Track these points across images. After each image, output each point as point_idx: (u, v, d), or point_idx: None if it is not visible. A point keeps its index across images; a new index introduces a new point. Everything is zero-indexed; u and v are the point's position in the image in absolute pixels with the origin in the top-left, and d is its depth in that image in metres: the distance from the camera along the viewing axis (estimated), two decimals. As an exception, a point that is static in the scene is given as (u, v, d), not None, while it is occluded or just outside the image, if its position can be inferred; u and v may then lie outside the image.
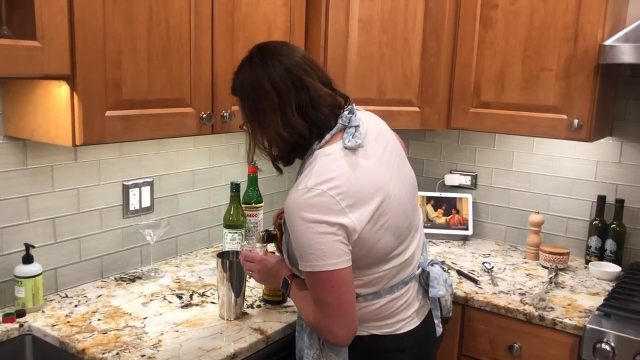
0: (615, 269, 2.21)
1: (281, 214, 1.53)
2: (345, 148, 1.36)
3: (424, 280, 1.54)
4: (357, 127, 1.39)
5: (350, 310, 1.33)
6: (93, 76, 1.45)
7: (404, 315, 1.47)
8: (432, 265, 1.56)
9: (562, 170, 2.46)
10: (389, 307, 1.45)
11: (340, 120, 1.40)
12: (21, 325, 1.64)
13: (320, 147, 1.38)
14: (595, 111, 2.02)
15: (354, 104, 1.46)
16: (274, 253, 1.66)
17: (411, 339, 1.48)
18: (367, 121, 1.46)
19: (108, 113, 1.50)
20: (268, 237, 1.58)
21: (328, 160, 1.34)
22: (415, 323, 1.50)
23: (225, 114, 1.81)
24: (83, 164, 1.89)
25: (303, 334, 1.49)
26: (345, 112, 1.42)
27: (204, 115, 1.74)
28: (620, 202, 2.28)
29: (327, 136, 1.38)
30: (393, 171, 1.43)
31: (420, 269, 1.53)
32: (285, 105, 1.35)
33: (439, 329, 1.58)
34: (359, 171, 1.35)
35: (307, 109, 1.36)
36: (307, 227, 1.28)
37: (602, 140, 2.33)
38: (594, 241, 2.32)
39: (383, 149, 1.44)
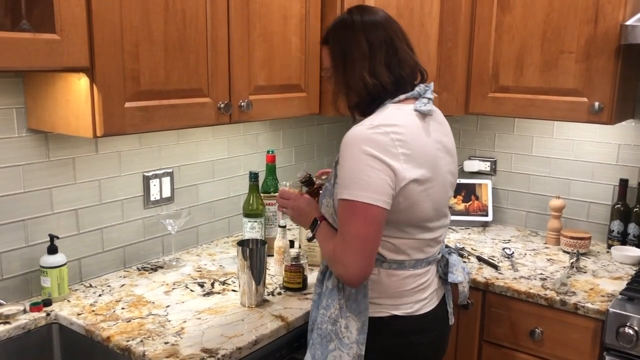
0: (638, 252, 2.18)
1: (324, 174, 1.72)
2: (416, 110, 1.44)
3: (442, 267, 1.59)
4: (429, 99, 1.48)
5: (371, 251, 1.37)
6: (111, 68, 1.47)
7: (422, 295, 1.51)
8: (449, 254, 1.61)
9: (583, 154, 2.43)
10: (410, 282, 1.49)
11: (417, 88, 1.48)
12: (48, 314, 1.67)
13: (390, 105, 1.46)
14: (616, 93, 1.99)
15: (432, 83, 1.54)
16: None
17: (429, 320, 1.53)
18: (436, 108, 1.55)
19: (127, 104, 1.52)
20: (309, 180, 1.70)
21: (398, 112, 1.43)
22: (432, 304, 1.54)
23: (242, 104, 1.82)
24: (104, 155, 1.91)
25: (319, 302, 1.54)
26: (422, 85, 1.51)
27: (222, 105, 1.75)
28: (643, 186, 2.25)
29: (402, 97, 1.46)
30: (445, 158, 1.50)
31: (440, 254, 1.58)
32: (374, 57, 1.44)
33: (452, 318, 1.63)
34: (421, 134, 1.43)
35: (393, 66, 1.45)
36: (360, 158, 1.33)
37: (623, 122, 2.29)
38: (616, 225, 2.29)
39: (442, 135, 1.51)
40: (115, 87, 1.48)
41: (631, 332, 1.72)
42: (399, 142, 1.36)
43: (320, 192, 1.61)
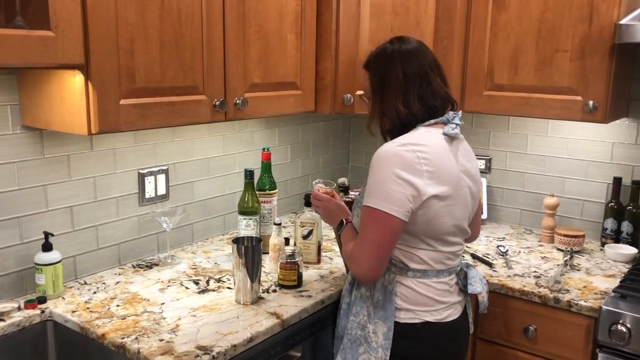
0: (631, 250, 2.20)
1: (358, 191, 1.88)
2: (444, 134, 1.56)
3: (462, 280, 1.68)
4: (457, 124, 1.59)
5: (383, 255, 1.50)
6: (107, 65, 1.46)
7: (451, 300, 1.62)
8: (467, 267, 1.71)
9: (577, 152, 2.44)
10: (438, 288, 1.58)
11: (446, 115, 1.59)
12: (42, 312, 1.67)
13: (423, 127, 1.58)
14: (610, 92, 2.00)
15: (460, 111, 1.66)
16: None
17: (456, 329, 1.64)
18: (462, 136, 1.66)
19: (122, 101, 1.51)
20: (346, 188, 1.97)
21: (427, 134, 1.55)
22: (458, 313, 1.64)
23: (237, 101, 1.82)
24: (99, 152, 1.91)
25: (348, 310, 1.65)
26: (452, 112, 1.62)
27: (217, 103, 1.75)
28: (636, 184, 2.26)
29: (432, 121, 1.58)
30: (467, 180, 1.59)
31: (459, 267, 1.68)
32: (409, 90, 1.56)
33: (472, 327, 1.76)
34: (447, 156, 1.54)
35: (426, 97, 1.57)
36: (387, 172, 1.47)
37: (617, 121, 2.31)
38: (610, 223, 2.30)
39: (467, 161, 1.62)
40: (110, 84, 1.48)
41: (624, 329, 1.73)
42: (424, 160, 1.48)
43: (352, 202, 1.80)
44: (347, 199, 1.90)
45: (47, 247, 1.73)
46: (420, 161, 1.47)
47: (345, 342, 1.63)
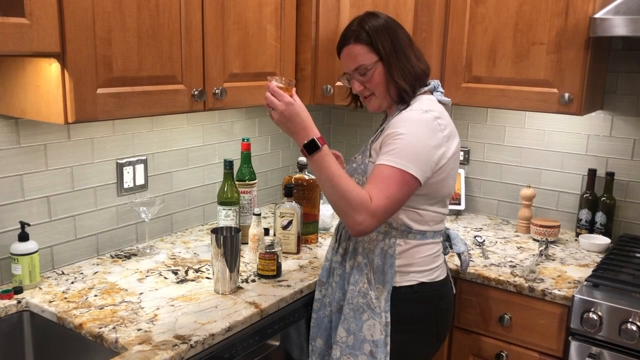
0: (604, 241, 2.24)
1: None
2: (439, 101, 1.67)
3: (444, 241, 1.77)
4: (442, 92, 1.71)
5: (392, 212, 1.53)
6: (83, 54, 1.45)
7: (439, 262, 1.70)
8: (447, 229, 1.81)
9: (553, 144, 2.48)
10: (431, 249, 1.67)
11: (432, 82, 1.70)
12: (19, 302, 1.66)
13: (419, 95, 1.66)
14: (586, 85, 2.03)
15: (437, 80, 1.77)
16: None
17: (446, 287, 1.73)
18: None
19: (99, 90, 1.50)
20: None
21: (430, 101, 1.64)
22: (445, 272, 1.74)
23: (217, 91, 1.81)
24: (76, 142, 1.90)
25: (342, 282, 1.70)
26: (434, 80, 1.72)
27: (196, 92, 1.74)
28: (610, 175, 2.30)
29: (424, 89, 1.67)
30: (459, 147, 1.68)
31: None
32: (413, 47, 1.67)
33: (454, 288, 1.84)
34: (448, 116, 1.64)
35: (419, 57, 1.68)
36: (417, 137, 1.53)
37: (593, 113, 2.34)
38: (585, 214, 2.35)
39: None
40: (86, 73, 1.47)
41: (595, 317, 1.77)
42: (442, 125, 1.57)
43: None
44: None
45: (23, 237, 1.72)
46: (440, 127, 1.56)
47: (346, 312, 1.66)
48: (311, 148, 1.47)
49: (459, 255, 1.85)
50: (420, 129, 1.54)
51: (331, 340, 1.74)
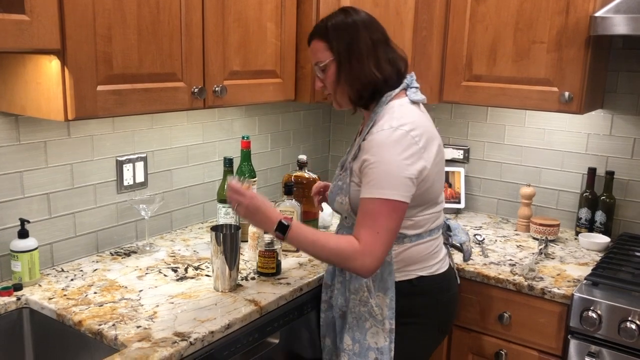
0: (604, 239, 2.24)
1: (323, 191, 1.92)
2: (412, 101, 1.60)
3: (445, 233, 1.79)
4: (417, 87, 1.64)
5: (392, 242, 1.52)
6: (83, 51, 1.45)
7: (439, 257, 1.69)
8: (447, 220, 1.83)
9: (553, 143, 2.48)
10: (429, 247, 1.66)
11: (405, 80, 1.63)
12: (18, 299, 1.66)
13: (390, 100, 1.60)
14: (586, 83, 2.03)
15: (413, 72, 1.68)
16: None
17: (447, 279, 1.72)
18: None
19: (99, 87, 1.50)
20: (301, 164, 2.17)
21: (402, 108, 1.57)
22: (446, 265, 1.73)
23: (217, 89, 1.81)
24: (76, 139, 1.90)
25: (343, 289, 1.70)
26: (408, 75, 1.65)
27: (196, 90, 1.74)
28: (610, 174, 2.30)
29: (396, 90, 1.61)
30: (440, 141, 1.64)
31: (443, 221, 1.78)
32: (377, 52, 1.58)
33: (458, 279, 1.82)
34: (424, 118, 1.61)
35: (394, 61, 1.61)
36: (391, 160, 1.48)
37: (593, 112, 2.34)
38: (584, 213, 2.35)
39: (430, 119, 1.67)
40: (87, 70, 1.47)
41: (594, 315, 1.77)
42: (417, 137, 1.51)
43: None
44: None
45: (23, 234, 1.72)
46: (415, 140, 1.50)
47: (350, 320, 1.66)
48: (283, 229, 1.53)
49: (460, 245, 1.85)
50: (393, 151, 1.48)
51: (337, 341, 1.75)
